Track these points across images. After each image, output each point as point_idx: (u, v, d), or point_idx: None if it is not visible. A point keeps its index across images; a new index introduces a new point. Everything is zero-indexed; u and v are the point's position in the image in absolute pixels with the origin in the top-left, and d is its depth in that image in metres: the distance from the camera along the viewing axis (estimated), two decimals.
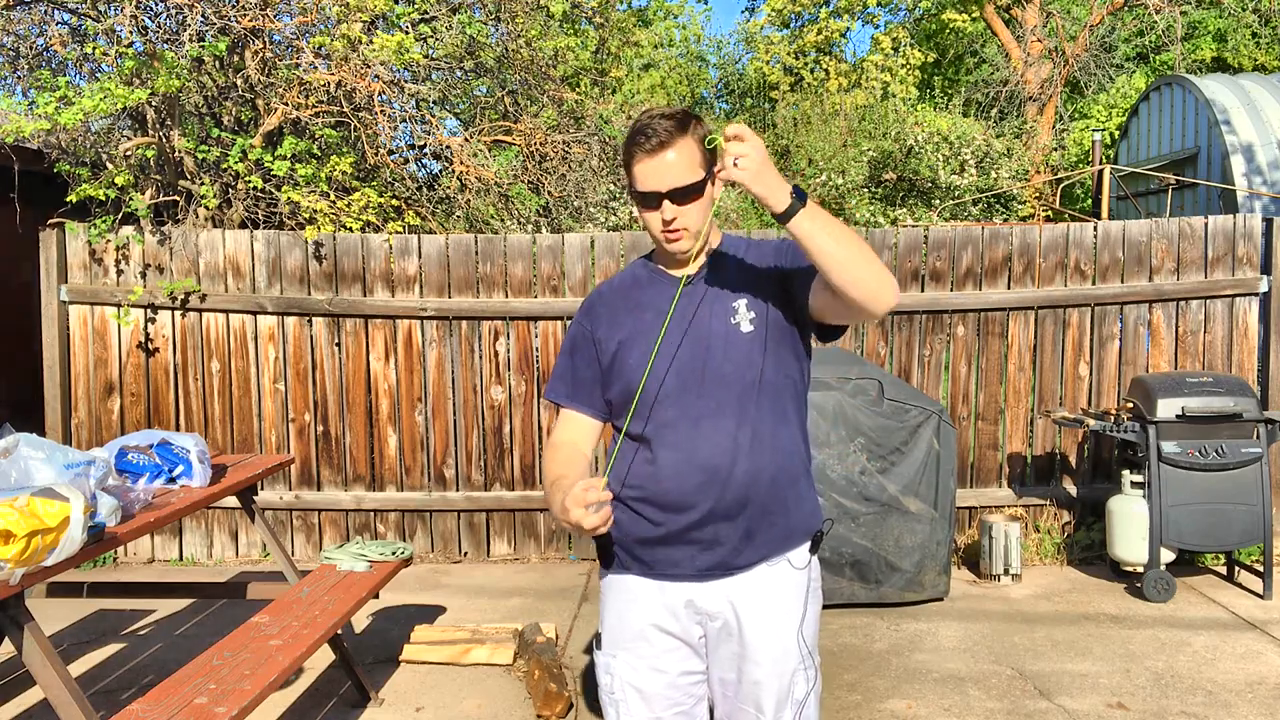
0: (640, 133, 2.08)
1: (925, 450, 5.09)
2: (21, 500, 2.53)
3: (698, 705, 2.25)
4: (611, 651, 2.24)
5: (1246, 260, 5.94)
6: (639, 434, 2.15)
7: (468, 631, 4.64)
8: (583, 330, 2.28)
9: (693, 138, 2.08)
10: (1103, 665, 4.37)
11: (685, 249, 2.14)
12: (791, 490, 2.17)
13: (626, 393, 2.17)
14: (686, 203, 2.08)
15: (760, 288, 2.17)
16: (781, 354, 2.16)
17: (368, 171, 7.14)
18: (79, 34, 6.52)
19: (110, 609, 5.18)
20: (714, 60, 23.51)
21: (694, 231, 2.12)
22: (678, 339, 2.14)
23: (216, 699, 2.89)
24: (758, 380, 2.12)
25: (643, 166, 2.08)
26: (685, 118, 2.11)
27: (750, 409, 2.11)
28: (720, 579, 2.15)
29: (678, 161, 2.06)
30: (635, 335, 2.18)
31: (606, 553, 2.25)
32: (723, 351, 2.12)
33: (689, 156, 2.07)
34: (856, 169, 10.41)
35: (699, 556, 2.13)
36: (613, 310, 2.25)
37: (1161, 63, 18.86)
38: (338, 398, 6.01)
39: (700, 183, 2.09)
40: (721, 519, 2.11)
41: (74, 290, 5.92)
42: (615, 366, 2.20)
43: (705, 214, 2.12)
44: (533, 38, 8.11)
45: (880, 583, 5.06)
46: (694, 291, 2.18)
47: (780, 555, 2.17)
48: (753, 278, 2.18)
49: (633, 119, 9.80)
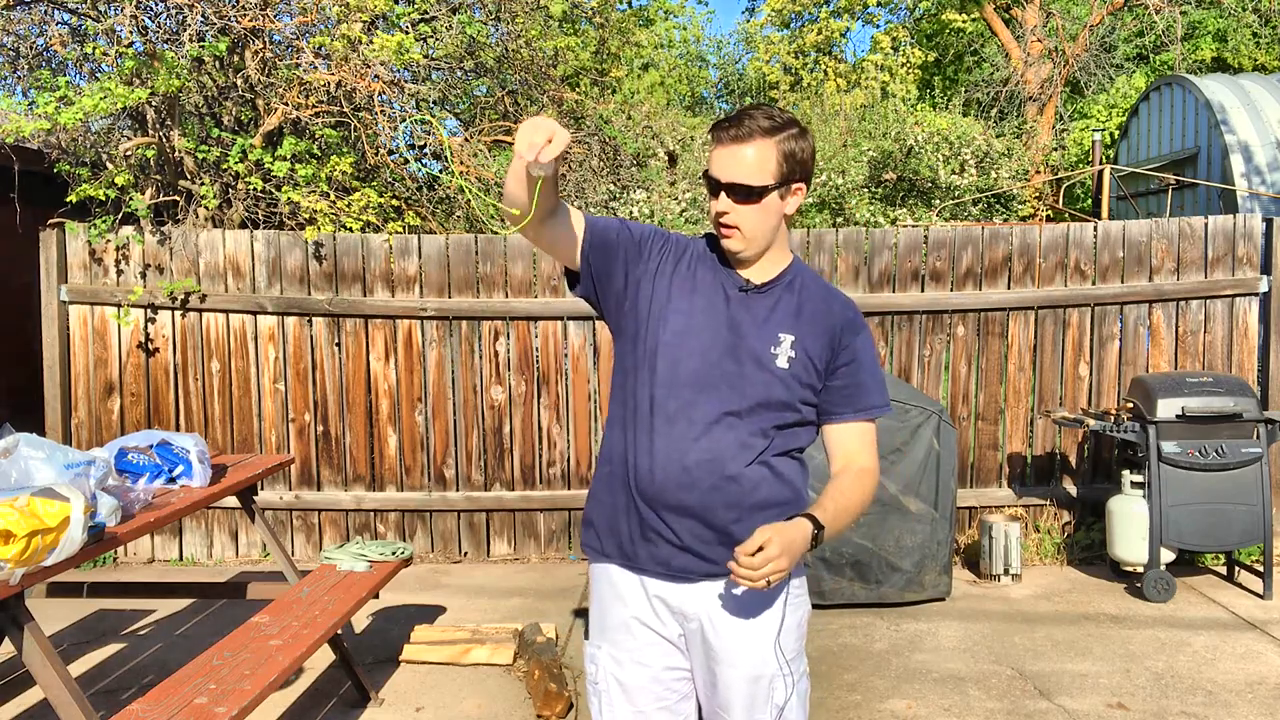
0: (730, 118, 2.07)
1: (925, 450, 5.09)
2: (22, 500, 2.53)
3: (683, 701, 2.21)
4: (597, 643, 2.23)
5: (1246, 260, 5.94)
6: (640, 414, 2.11)
7: (468, 631, 4.64)
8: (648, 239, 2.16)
9: (777, 144, 2.04)
10: (1103, 665, 4.37)
11: (734, 249, 2.11)
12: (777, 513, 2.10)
13: (642, 357, 2.12)
14: (743, 203, 2.05)
15: (808, 338, 2.13)
16: (803, 399, 2.13)
17: (368, 171, 7.14)
18: (79, 34, 6.52)
19: (110, 609, 5.18)
20: (714, 60, 23.52)
21: (747, 235, 2.08)
22: (714, 339, 2.10)
23: (216, 699, 2.89)
24: (773, 408, 2.10)
25: (718, 151, 2.06)
26: (784, 123, 2.05)
27: (758, 430, 2.08)
28: (696, 583, 2.12)
29: (750, 160, 2.03)
30: (676, 312, 2.12)
31: (592, 539, 2.22)
32: (751, 371, 2.09)
33: (763, 160, 2.03)
34: (856, 169, 10.40)
35: (675, 556, 2.11)
36: (676, 263, 2.16)
37: (1161, 63, 18.86)
38: (338, 398, 6.01)
39: (762, 188, 2.04)
40: (701, 523, 2.08)
41: (74, 290, 5.92)
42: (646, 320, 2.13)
43: (763, 223, 2.07)
44: (533, 38, 8.12)
45: (880, 583, 5.06)
46: (750, 302, 2.14)
47: None
48: (807, 320, 2.14)
49: (632, 118, 9.71)
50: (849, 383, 2.16)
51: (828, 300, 2.18)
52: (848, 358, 2.15)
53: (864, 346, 2.18)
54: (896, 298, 5.93)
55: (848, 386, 2.16)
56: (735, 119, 2.05)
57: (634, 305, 2.15)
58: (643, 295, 2.14)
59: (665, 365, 2.10)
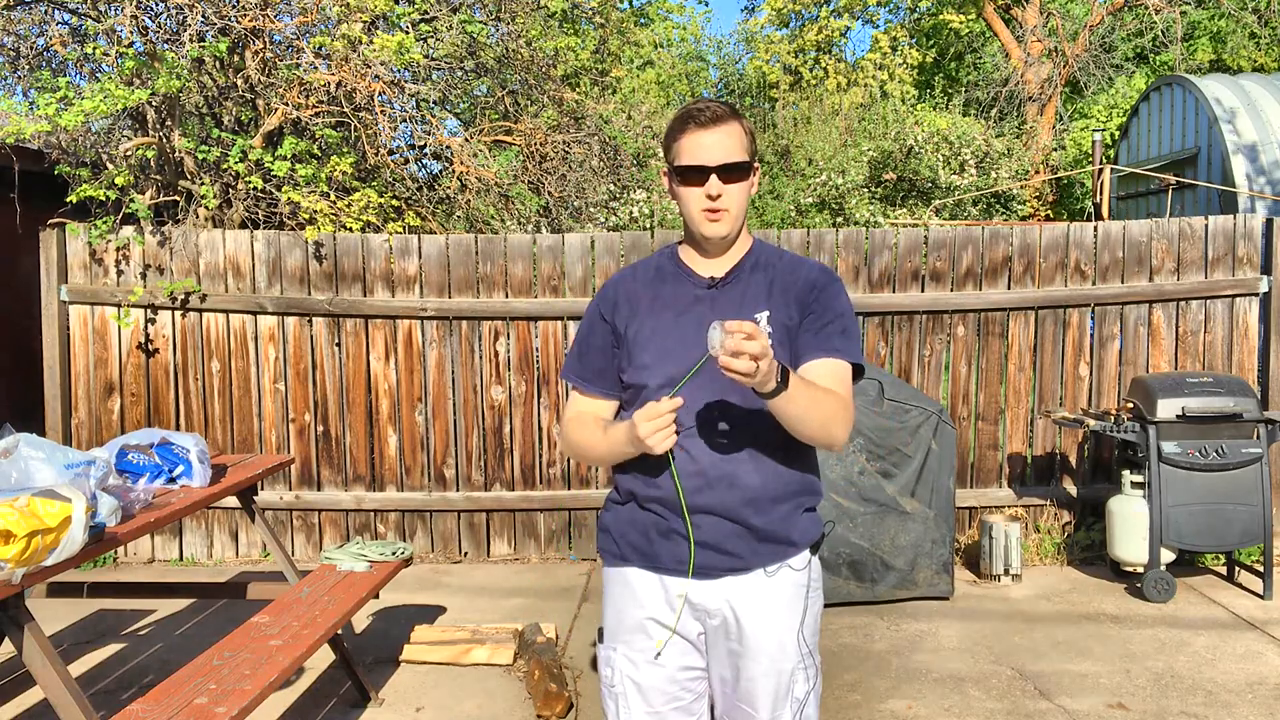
0: (694, 108, 2.12)
1: (924, 450, 5.10)
2: (22, 500, 2.53)
3: (697, 701, 2.24)
4: (611, 645, 2.24)
5: (1247, 260, 5.95)
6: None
7: (468, 631, 4.64)
8: (600, 317, 2.27)
9: (742, 125, 2.14)
10: (1103, 665, 4.37)
11: (724, 233, 2.14)
12: (793, 503, 2.16)
13: (637, 388, 2.17)
14: (733, 181, 2.10)
15: (780, 309, 2.16)
16: None
17: (368, 172, 7.14)
18: (79, 34, 6.51)
19: (110, 609, 5.18)
20: (714, 60, 23.52)
21: (734, 215, 2.14)
22: (695, 343, 2.10)
23: (217, 699, 2.89)
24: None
25: (694, 138, 2.09)
26: (733, 108, 2.17)
27: (760, 420, 2.09)
28: (718, 579, 2.15)
29: (731, 139, 2.10)
30: (652, 334, 2.17)
31: (609, 544, 2.25)
32: None
33: (739, 138, 2.12)
34: (856, 169, 10.41)
35: (698, 554, 2.13)
36: (632, 301, 2.23)
37: (1161, 63, 18.87)
38: (338, 398, 6.01)
39: (748, 164, 2.12)
40: (720, 519, 2.11)
41: (74, 290, 5.92)
42: (628, 359, 2.19)
43: (744, 200, 2.15)
44: (533, 38, 8.11)
45: (876, 581, 5.07)
46: (718, 296, 2.17)
47: (779, 562, 2.16)
48: (779, 294, 2.17)
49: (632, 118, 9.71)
50: (815, 327, 2.16)
51: (796, 270, 2.22)
52: (817, 308, 2.17)
53: (834, 296, 2.18)
54: (896, 298, 5.93)
55: (813, 332, 2.15)
56: (699, 107, 2.12)
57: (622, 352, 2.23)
58: (626, 341, 2.21)
59: (660, 382, 2.12)
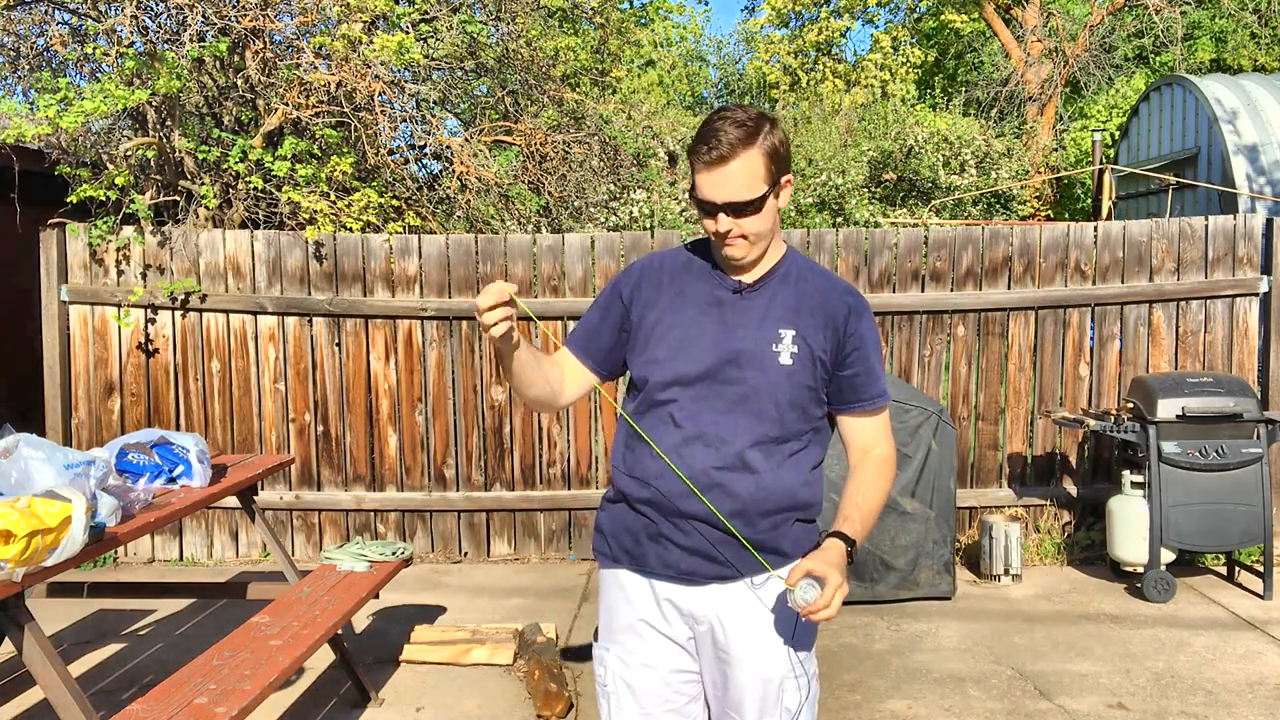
0: (704, 140, 2.01)
1: (925, 450, 5.10)
2: (22, 501, 2.53)
3: (691, 704, 2.22)
4: (605, 644, 2.23)
5: (1247, 260, 5.95)
6: (646, 428, 2.13)
7: (468, 631, 4.64)
8: (619, 298, 2.21)
9: (760, 150, 2.00)
10: (1103, 665, 4.37)
11: (739, 255, 2.09)
12: (784, 516, 2.12)
13: (642, 381, 2.14)
14: (744, 216, 2.03)
15: (810, 330, 2.11)
16: (809, 395, 2.12)
17: (368, 172, 7.14)
18: (79, 34, 6.51)
19: (110, 609, 5.18)
20: (714, 60, 23.53)
21: (752, 240, 2.07)
22: (712, 345, 2.10)
23: (217, 699, 2.89)
24: (779, 409, 2.08)
25: (704, 175, 2.02)
26: (756, 125, 2.01)
27: (763, 432, 2.08)
28: (705, 585, 2.12)
29: (739, 174, 1.99)
30: (670, 328, 2.14)
31: (603, 545, 2.24)
32: (753, 373, 2.08)
33: (752, 170, 2.00)
34: (856, 169, 10.40)
35: (685, 559, 2.11)
36: (657, 290, 2.18)
37: (1161, 63, 18.86)
38: (338, 398, 6.01)
39: (760, 198, 2.02)
40: (709, 526, 2.08)
41: (74, 290, 5.92)
42: (641, 349, 2.16)
43: (765, 225, 2.06)
44: (533, 38, 8.11)
45: (876, 581, 5.07)
46: (744, 302, 2.13)
47: (768, 572, 2.11)
48: (808, 313, 2.12)
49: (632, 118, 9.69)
50: (860, 370, 2.14)
51: (827, 290, 2.16)
52: (855, 344, 2.13)
53: (868, 330, 2.17)
54: (896, 298, 5.93)
55: (859, 374, 2.14)
56: (709, 139, 2.00)
57: (634, 338, 2.18)
58: (640, 329, 2.17)
59: (668, 379, 2.11)
